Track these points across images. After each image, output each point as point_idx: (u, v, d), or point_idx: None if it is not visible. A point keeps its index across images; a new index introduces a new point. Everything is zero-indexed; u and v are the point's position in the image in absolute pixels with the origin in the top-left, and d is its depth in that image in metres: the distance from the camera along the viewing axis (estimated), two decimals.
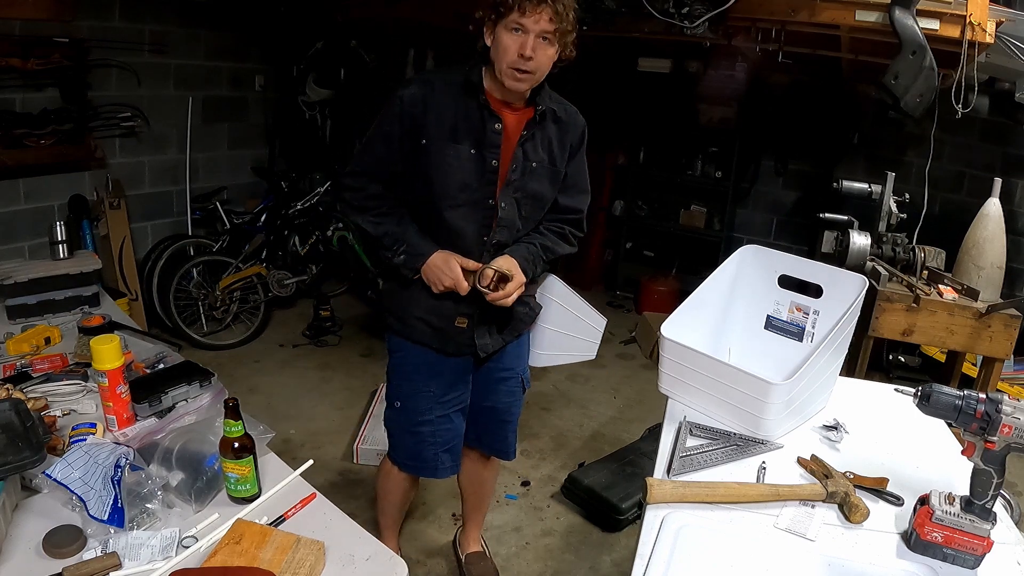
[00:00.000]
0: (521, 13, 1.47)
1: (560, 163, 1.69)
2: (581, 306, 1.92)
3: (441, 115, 1.57)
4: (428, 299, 1.68)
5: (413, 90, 1.58)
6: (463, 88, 1.58)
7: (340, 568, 1.17)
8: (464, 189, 1.60)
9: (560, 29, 1.49)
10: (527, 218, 1.69)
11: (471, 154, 1.58)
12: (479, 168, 1.59)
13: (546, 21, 1.47)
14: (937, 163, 3.42)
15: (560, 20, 1.48)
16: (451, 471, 1.87)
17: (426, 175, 1.59)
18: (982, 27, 2.45)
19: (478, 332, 1.72)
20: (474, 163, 1.58)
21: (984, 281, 2.53)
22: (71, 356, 1.86)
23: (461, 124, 1.57)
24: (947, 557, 1.12)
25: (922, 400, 1.15)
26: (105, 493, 1.19)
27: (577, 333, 1.94)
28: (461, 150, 1.58)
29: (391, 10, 3.90)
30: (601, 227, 5.06)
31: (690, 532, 1.16)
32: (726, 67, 4.20)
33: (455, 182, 1.59)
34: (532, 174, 1.65)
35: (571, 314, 1.93)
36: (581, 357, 2.02)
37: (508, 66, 1.50)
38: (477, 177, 1.59)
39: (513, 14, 1.47)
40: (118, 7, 3.66)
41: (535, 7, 1.46)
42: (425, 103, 1.56)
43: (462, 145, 1.57)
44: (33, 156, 3.38)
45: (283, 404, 3.32)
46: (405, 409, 1.79)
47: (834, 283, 1.61)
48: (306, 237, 4.26)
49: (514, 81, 1.52)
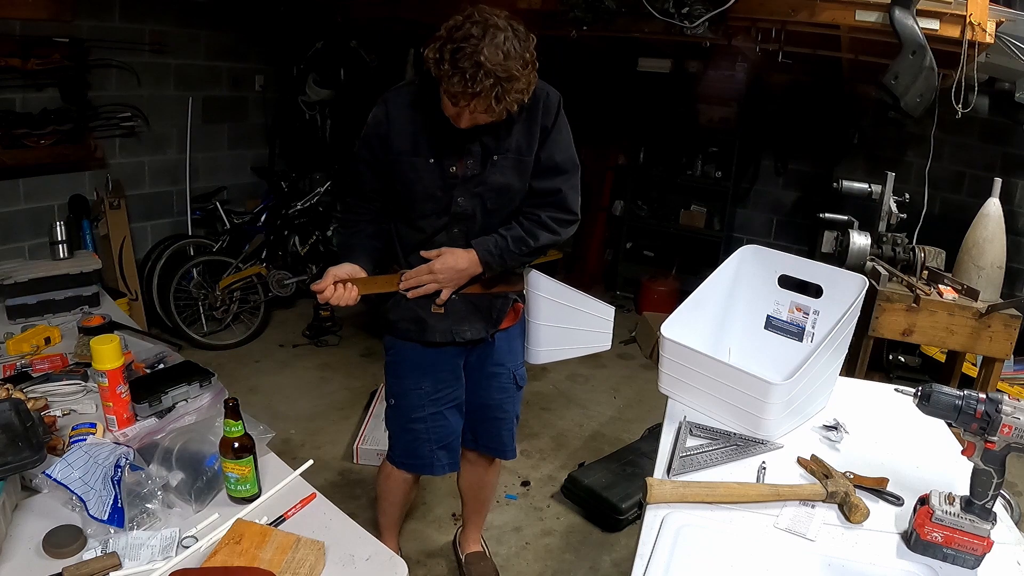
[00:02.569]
0: (453, 101, 1.43)
1: (529, 152, 1.63)
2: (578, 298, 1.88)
3: (402, 130, 1.59)
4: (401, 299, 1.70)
5: (376, 111, 1.62)
6: (421, 102, 1.58)
7: (340, 568, 1.17)
8: (428, 199, 1.62)
9: (498, 114, 1.44)
10: (494, 211, 1.66)
11: (430, 164, 1.59)
12: (439, 176, 1.60)
13: (480, 112, 1.44)
14: (937, 163, 3.42)
15: (496, 111, 1.43)
16: (449, 468, 1.87)
17: (395, 189, 1.65)
18: (982, 27, 2.45)
19: (454, 318, 1.72)
20: (434, 172, 1.60)
21: (984, 281, 2.53)
22: (71, 356, 1.86)
23: (420, 136, 1.59)
24: (947, 557, 1.12)
25: (922, 400, 1.15)
26: (105, 493, 1.19)
27: (580, 326, 1.92)
28: (420, 162, 1.59)
29: (391, 10, 3.90)
30: (601, 227, 5.07)
31: (690, 532, 1.16)
32: (726, 67, 4.20)
33: (419, 193, 1.62)
34: (495, 167, 1.60)
35: (565, 307, 1.90)
36: (594, 349, 1.97)
37: (456, 122, 1.50)
38: (439, 186, 1.61)
39: (447, 93, 1.43)
40: (118, 7, 3.67)
41: (466, 100, 1.40)
42: (388, 121, 1.59)
43: (421, 157, 1.59)
44: (33, 156, 3.38)
45: (283, 404, 3.32)
46: (399, 407, 1.81)
47: (834, 283, 1.61)
48: (306, 237, 4.27)
49: (462, 127, 1.52)
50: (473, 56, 1.36)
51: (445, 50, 1.38)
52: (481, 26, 1.38)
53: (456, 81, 1.38)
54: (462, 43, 1.37)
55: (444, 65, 1.38)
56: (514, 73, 1.39)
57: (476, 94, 1.38)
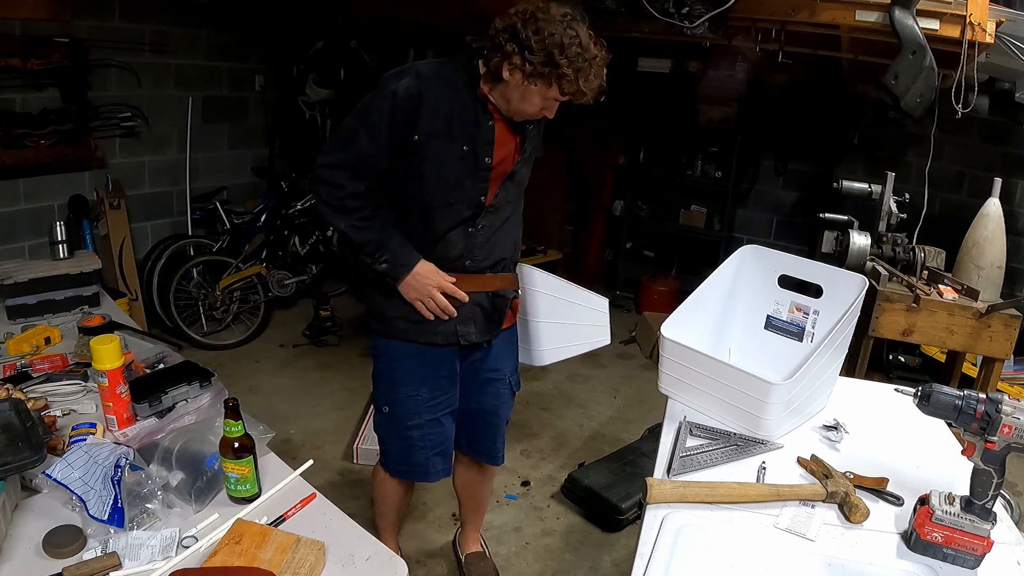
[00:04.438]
0: (568, 98, 1.49)
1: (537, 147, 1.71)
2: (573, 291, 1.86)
3: (436, 111, 1.51)
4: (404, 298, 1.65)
5: (407, 82, 1.50)
6: (459, 84, 1.54)
7: (340, 568, 1.17)
8: (457, 188, 1.57)
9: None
10: (511, 203, 1.69)
11: (464, 151, 1.55)
12: (472, 166, 1.56)
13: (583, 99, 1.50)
14: (937, 163, 3.42)
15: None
16: (443, 474, 1.85)
17: (419, 173, 1.55)
18: (982, 27, 2.45)
19: (459, 319, 1.68)
20: (468, 161, 1.56)
21: (984, 281, 2.52)
22: (71, 356, 1.86)
23: (456, 120, 1.53)
24: (947, 557, 1.12)
25: (922, 400, 1.15)
26: (105, 493, 1.19)
27: (578, 320, 1.90)
28: (455, 148, 1.54)
29: (391, 10, 3.90)
30: (601, 227, 5.07)
31: (690, 532, 1.16)
32: (726, 67, 4.20)
33: (448, 180, 1.56)
34: (525, 163, 1.67)
35: (563, 302, 1.89)
36: (594, 344, 1.93)
37: (524, 115, 1.54)
38: (470, 176, 1.57)
39: (553, 91, 1.47)
40: (118, 7, 3.67)
41: (580, 98, 1.48)
42: (420, 97, 1.50)
43: (455, 143, 1.54)
44: (33, 156, 3.38)
45: (283, 404, 3.32)
46: (393, 414, 1.76)
47: (834, 283, 1.61)
48: (306, 237, 4.27)
49: (520, 119, 1.56)
50: (588, 51, 1.44)
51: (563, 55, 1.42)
52: (568, 20, 1.45)
53: (583, 80, 1.45)
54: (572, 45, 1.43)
55: (564, 69, 1.42)
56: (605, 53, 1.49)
57: (600, 87, 1.48)
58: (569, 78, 1.43)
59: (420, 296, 1.61)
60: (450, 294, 1.63)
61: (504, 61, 1.45)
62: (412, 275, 1.59)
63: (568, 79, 1.43)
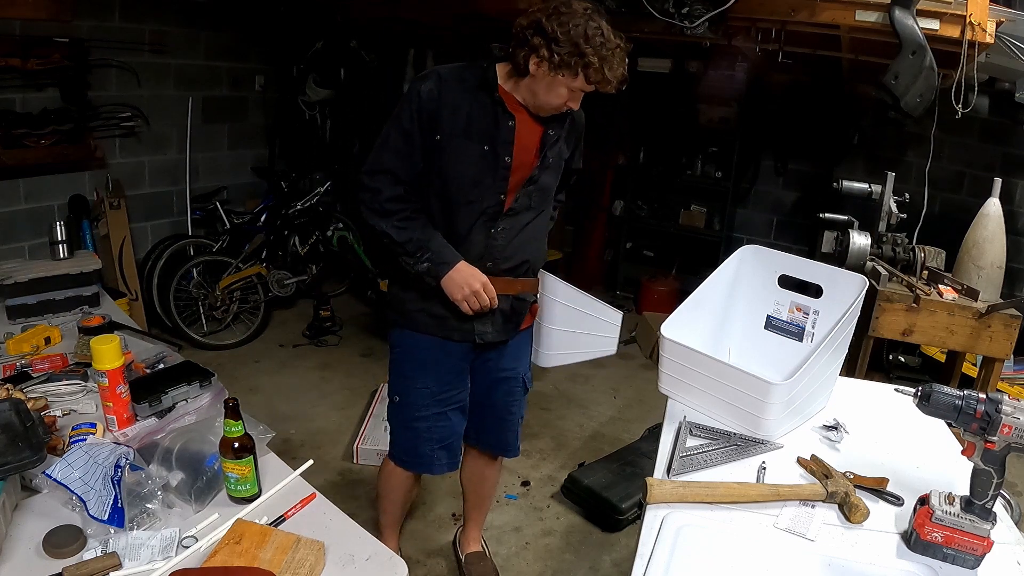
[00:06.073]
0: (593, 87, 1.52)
1: (565, 156, 1.73)
2: (589, 303, 1.91)
3: (455, 112, 1.57)
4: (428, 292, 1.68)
5: (429, 85, 1.57)
6: (478, 86, 1.59)
7: (340, 568, 1.17)
8: (477, 186, 1.61)
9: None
10: (533, 208, 1.71)
11: (484, 151, 1.59)
12: (492, 165, 1.60)
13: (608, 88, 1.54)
14: (937, 163, 3.42)
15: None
16: (448, 468, 1.87)
17: (441, 172, 1.60)
18: (982, 27, 2.45)
19: (480, 320, 1.72)
20: (487, 160, 1.60)
21: (984, 281, 2.53)
22: (71, 356, 1.86)
23: (475, 121, 1.58)
24: (947, 557, 1.12)
25: (922, 400, 1.15)
26: (105, 493, 1.19)
27: (589, 330, 1.93)
28: (474, 147, 1.58)
29: (391, 10, 3.90)
30: (601, 227, 5.06)
31: (690, 532, 1.16)
32: (726, 67, 4.20)
33: (468, 179, 1.60)
34: (547, 169, 1.68)
35: (578, 312, 1.92)
36: (599, 353, 2.01)
37: (550, 108, 1.56)
38: (490, 174, 1.61)
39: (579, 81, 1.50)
40: (118, 7, 3.66)
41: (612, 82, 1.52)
42: (440, 99, 1.56)
43: (475, 143, 1.58)
44: (33, 156, 3.38)
45: (283, 404, 3.32)
46: (403, 404, 1.80)
47: (834, 283, 1.61)
48: (306, 237, 4.26)
49: (546, 114, 1.59)
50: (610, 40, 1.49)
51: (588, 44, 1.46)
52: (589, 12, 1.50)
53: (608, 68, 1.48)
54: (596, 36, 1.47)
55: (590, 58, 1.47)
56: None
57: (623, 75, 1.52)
58: (595, 66, 1.48)
59: (463, 292, 1.64)
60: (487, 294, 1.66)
61: (532, 54, 1.50)
62: (455, 271, 1.62)
63: (594, 67, 1.48)
